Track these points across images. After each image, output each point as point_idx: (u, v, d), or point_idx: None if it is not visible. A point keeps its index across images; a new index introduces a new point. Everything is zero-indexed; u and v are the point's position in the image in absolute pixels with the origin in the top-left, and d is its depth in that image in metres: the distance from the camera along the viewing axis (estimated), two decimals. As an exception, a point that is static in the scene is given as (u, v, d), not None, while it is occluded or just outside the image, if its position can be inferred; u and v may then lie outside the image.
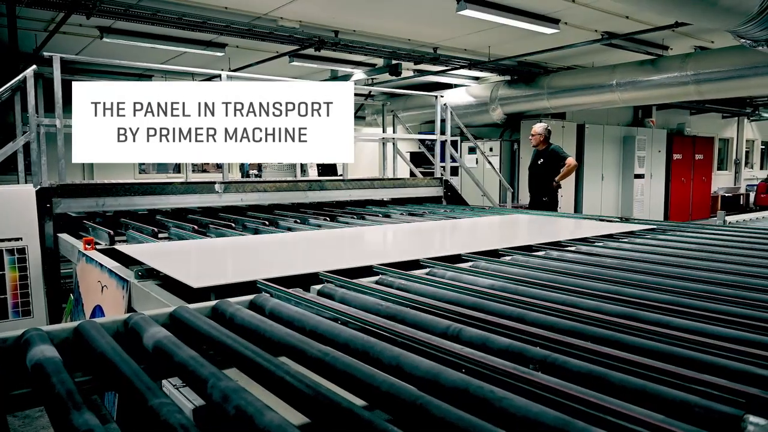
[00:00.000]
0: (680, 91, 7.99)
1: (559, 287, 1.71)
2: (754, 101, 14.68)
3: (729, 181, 16.47)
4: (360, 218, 4.05)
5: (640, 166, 12.26)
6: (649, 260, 2.19)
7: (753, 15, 4.31)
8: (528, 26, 6.85)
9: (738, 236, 2.83)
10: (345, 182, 5.14)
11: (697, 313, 1.40)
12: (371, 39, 7.75)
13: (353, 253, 2.48)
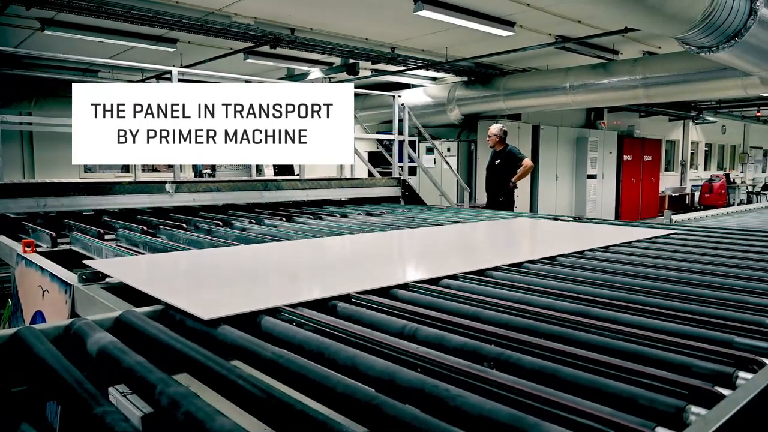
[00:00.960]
0: (630, 94, 8.28)
1: (513, 285, 1.75)
2: (698, 105, 15.37)
3: (675, 182, 17.18)
4: (317, 218, 4.03)
5: (592, 167, 12.64)
6: (600, 258, 2.26)
7: (696, 23, 4.51)
8: (484, 28, 6.96)
9: (682, 239, 2.95)
10: (302, 182, 5.10)
11: (644, 309, 1.46)
12: (328, 38, 7.71)
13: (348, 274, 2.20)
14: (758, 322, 1.32)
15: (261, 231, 3.23)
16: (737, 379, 0.99)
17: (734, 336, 1.23)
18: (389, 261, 2.51)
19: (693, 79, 7.58)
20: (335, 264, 2.38)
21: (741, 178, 19.79)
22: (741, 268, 2.04)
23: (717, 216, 4.49)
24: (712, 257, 2.28)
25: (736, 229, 3.38)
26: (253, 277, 2.06)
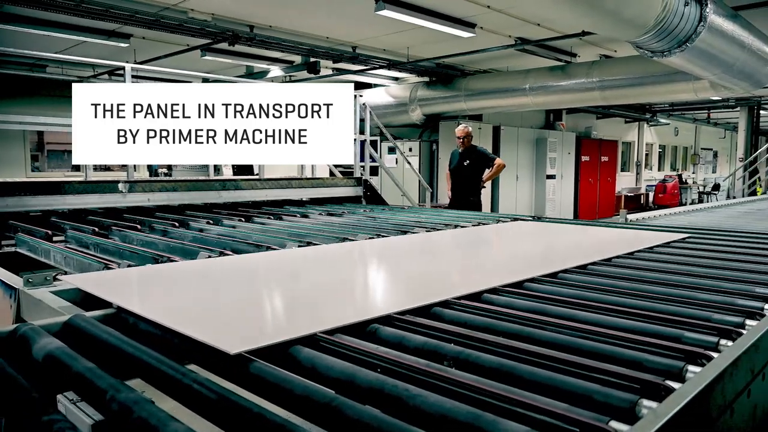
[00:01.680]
0: (587, 96, 8.50)
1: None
2: (652, 107, 15.91)
3: (631, 182, 17.74)
4: (277, 219, 3.99)
5: (551, 167, 12.92)
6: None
7: (650, 28, 4.67)
8: (445, 29, 7.03)
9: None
10: (261, 182, 5.04)
11: (599, 306, 1.50)
12: (288, 35, 7.64)
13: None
14: (707, 318, 1.38)
15: (219, 232, 3.18)
16: (686, 372, 1.03)
17: (684, 331, 1.27)
18: (414, 273, 2.15)
19: (647, 82, 7.84)
20: (352, 278, 2.15)
21: (693, 178, 20.58)
22: (690, 265, 2.12)
23: (670, 215, 4.65)
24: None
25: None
26: (263, 296, 1.81)
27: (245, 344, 1.12)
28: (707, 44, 5.15)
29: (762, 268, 2.02)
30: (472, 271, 2.20)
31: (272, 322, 1.48)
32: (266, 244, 2.60)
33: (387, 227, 3.40)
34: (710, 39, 5.11)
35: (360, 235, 2.93)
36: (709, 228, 3.38)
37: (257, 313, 1.56)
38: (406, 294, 1.80)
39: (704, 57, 5.38)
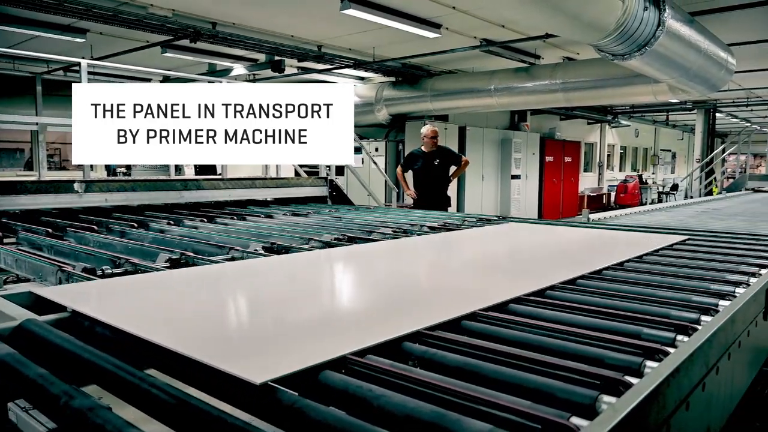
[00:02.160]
0: (550, 97, 8.67)
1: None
2: (613, 109, 16.35)
3: (593, 182, 18.17)
4: (240, 219, 3.95)
5: (516, 167, 13.13)
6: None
7: (610, 31, 4.79)
8: (411, 29, 7.07)
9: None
10: (224, 181, 4.97)
11: (562, 304, 1.53)
12: (252, 33, 7.56)
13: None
14: (665, 314, 1.42)
15: (180, 233, 3.12)
16: (644, 368, 1.06)
17: (643, 328, 1.31)
18: (431, 282, 2.03)
19: (608, 84, 8.04)
20: (366, 288, 1.97)
21: (652, 178, 21.22)
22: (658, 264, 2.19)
23: (631, 215, 4.77)
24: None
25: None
26: (276, 310, 1.60)
27: (270, 371, 0.97)
28: (665, 48, 5.31)
29: (720, 266, 2.09)
30: (490, 280, 2.04)
31: (294, 343, 1.26)
32: (229, 245, 2.56)
33: (352, 227, 3.39)
34: (668, 43, 5.27)
35: (325, 236, 2.92)
36: (706, 230, 3.41)
37: (271, 332, 1.38)
38: (432, 307, 1.59)
39: (663, 61, 5.55)
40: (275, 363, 1.05)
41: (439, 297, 1.77)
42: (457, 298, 1.69)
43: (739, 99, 14.15)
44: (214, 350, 1.16)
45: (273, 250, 2.55)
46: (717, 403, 1.24)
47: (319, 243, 2.76)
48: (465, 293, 1.78)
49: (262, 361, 1.10)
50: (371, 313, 1.57)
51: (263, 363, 1.07)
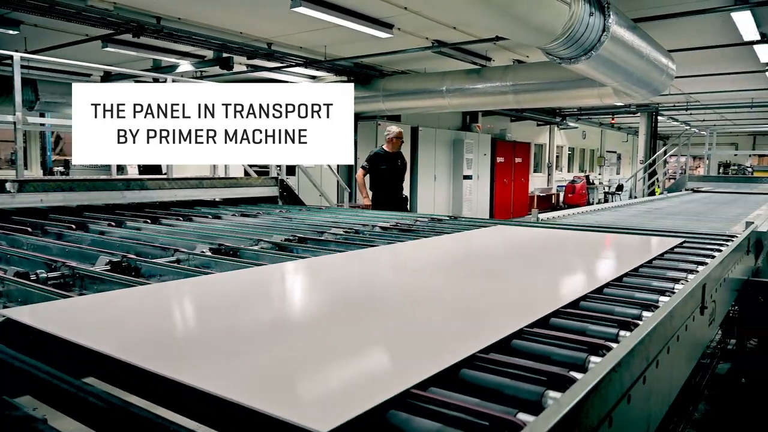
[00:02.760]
0: (501, 99, 8.85)
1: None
2: (562, 112, 16.85)
3: (543, 182, 18.67)
4: (187, 220, 3.85)
5: (468, 168, 13.35)
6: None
7: (558, 35, 4.93)
8: (363, 29, 7.07)
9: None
10: (169, 181, 4.84)
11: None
12: (199, 29, 7.38)
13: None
14: (608, 311, 1.47)
15: (122, 234, 3.02)
16: (589, 363, 1.09)
17: (588, 324, 1.36)
18: (458, 295, 1.76)
19: (556, 87, 8.27)
20: (393, 303, 1.67)
21: (599, 179, 21.98)
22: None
23: (578, 214, 4.92)
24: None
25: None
26: (299, 335, 1.31)
27: (333, 416, 0.81)
28: (610, 53, 5.51)
29: (660, 263, 2.18)
30: (520, 291, 1.85)
31: (341, 376, 1.05)
32: (174, 246, 2.50)
33: (303, 228, 3.37)
34: (613, 48, 5.47)
35: (275, 236, 2.89)
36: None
37: (309, 362, 1.11)
38: (473, 325, 1.42)
39: (607, 65, 5.75)
40: (332, 404, 0.89)
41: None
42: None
43: (679, 103, 14.84)
44: (251, 389, 0.93)
45: (221, 252, 2.50)
46: (657, 395, 1.30)
47: (269, 244, 2.72)
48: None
49: (317, 401, 0.92)
50: (415, 335, 1.31)
51: (319, 404, 0.90)
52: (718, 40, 7.89)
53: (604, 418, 0.93)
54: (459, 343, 1.17)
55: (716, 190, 10.28)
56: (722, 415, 3.24)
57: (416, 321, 1.43)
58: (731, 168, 25.93)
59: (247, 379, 0.99)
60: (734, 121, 20.71)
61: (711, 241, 2.82)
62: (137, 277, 2.11)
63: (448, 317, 1.48)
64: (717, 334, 3.21)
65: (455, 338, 1.26)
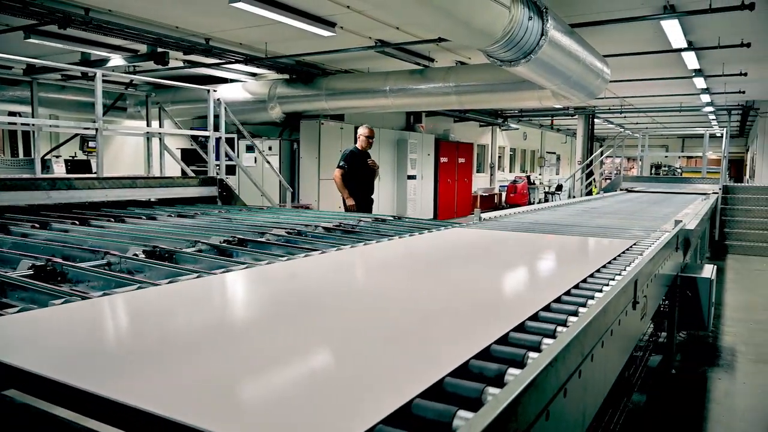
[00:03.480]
0: (444, 100, 8.98)
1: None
2: (504, 113, 17.28)
3: (486, 183, 19.08)
4: (119, 221, 3.71)
5: (412, 168, 13.47)
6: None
7: (498, 38, 5.05)
8: (304, 26, 7.01)
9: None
10: (100, 180, 4.65)
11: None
12: (131, 22, 7.12)
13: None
14: (545, 308, 1.52)
15: (48, 237, 2.88)
16: (527, 359, 1.12)
17: (528, 321, 1.39)
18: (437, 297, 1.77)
19: (498, 89, 8.47)
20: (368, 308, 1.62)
21: (539, 179, 22.68)
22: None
23: (519, 213, 5.05)
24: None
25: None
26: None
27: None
28: (548, 57, 5.69)
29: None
30: (502, 293, 1.93)
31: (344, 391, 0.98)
32: (104, 249, 2.40)
33: (243, 229, 3.31)
34: (551, 52, 5.65)
35: (213, 237, 2.82)
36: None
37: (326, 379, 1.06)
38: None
39: (546, 68, 5.94)
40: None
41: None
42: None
43: (614, 106, 15.51)
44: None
45: (155, 255, 2.42)
46: (592, 388, 1.35)
47: (207, 246, 2.66)
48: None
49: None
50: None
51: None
52: (650, 46, 8.31)
53: (542, 412, 0.96)
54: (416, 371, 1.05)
55: (648, 190, 10.81)
56: (654, 405, 3.40)
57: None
58: (662, 169, 27.35)
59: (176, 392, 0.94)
60: (665, 125, 21.85)
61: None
62: (63, 282, 2.02)
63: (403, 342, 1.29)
64: (649, 327, 3.37)
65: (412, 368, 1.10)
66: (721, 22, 7.03)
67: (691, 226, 3.59)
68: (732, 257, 9.46)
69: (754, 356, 4.38)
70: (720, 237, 10.10)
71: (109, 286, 1.85)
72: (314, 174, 10.92)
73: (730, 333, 4.97)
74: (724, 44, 7.76)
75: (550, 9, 5.38)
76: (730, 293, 6.63)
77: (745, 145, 24.99)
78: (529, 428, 0.89)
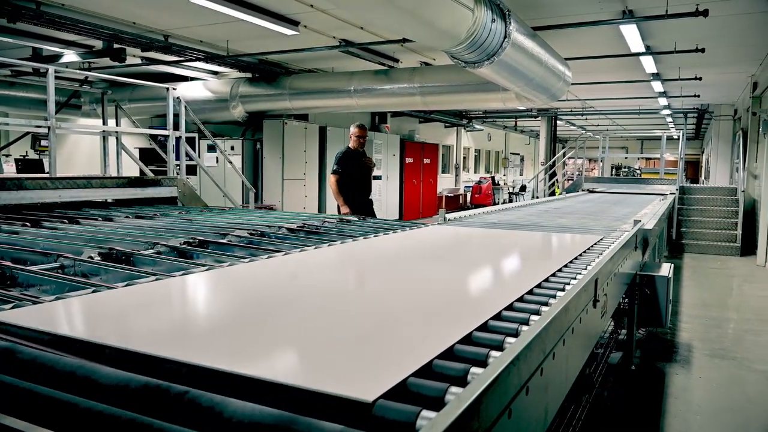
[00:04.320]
0: (409, 100, 9.02)
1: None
2: (468, 114, 17.47)
3: (451, 183, 19.25)
4: (73, 222, 3.60)
5: (377, 168, 13.49)
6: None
7: (462, 40, 5.10)
8: (267, 25, 6.94)
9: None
10: (53, 181, 4.50)
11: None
12: (85, 16, 6.92)
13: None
14: (508, 307, 1.54)
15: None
16: (489, 358, 1.14)
17: (491, 321, 1.41)
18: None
19: (462, 90, 8.55)
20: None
21: (504, 180, 23.01)
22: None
23: (484, 214, 5.11)
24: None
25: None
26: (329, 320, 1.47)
27: (381, 386, 0.92)
28: (511, 59, 5.78)
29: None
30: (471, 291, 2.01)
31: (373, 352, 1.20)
32: (57, 252, 2.32)
33: (204, 230, 3.25)
34: (514, 54, 5.74)
35: (173, 239, 2.76)
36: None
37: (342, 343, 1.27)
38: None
39: (509, 70, 6.03)
40: (372, 378, 1.01)
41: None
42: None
43: (575, 109, 15.87)
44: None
45: (111, 257, 2.36)
46: (554, 385, 1.37)
47: (166, 248, 2.60)
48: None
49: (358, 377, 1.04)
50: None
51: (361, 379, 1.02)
52: (610, 50, 8.52)
53: (504, 410, 0.97)
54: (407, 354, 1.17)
55: (609, 190, 11.09)
56: (615, 400, 3.49)
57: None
58: (622, 170, 28.10)
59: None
60: (624, 127, 22.46)
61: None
62: (13, 287, 1.95)
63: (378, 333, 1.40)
64: (609, 325, 3.46)
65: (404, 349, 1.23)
66: (677, 28, 7.27)
67: (650, 226, 3.70)
68: (688, 256, 9.79)
69: (709, 352, 4.54)
70: (677, 236, 10.44)
71: (62, 290, 1.79)
72: (278, 174, 10.83)
73: (687, 329, 5.14)
74: (680, 49, 8.03)
75: (512, 12, 5.46)
76: (687, 291, 6.86)
77: (701, 147, 25.90)
78: (491, 427, 0.90)
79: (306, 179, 11.43)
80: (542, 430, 1.28)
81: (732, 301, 6.49)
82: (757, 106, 10.36)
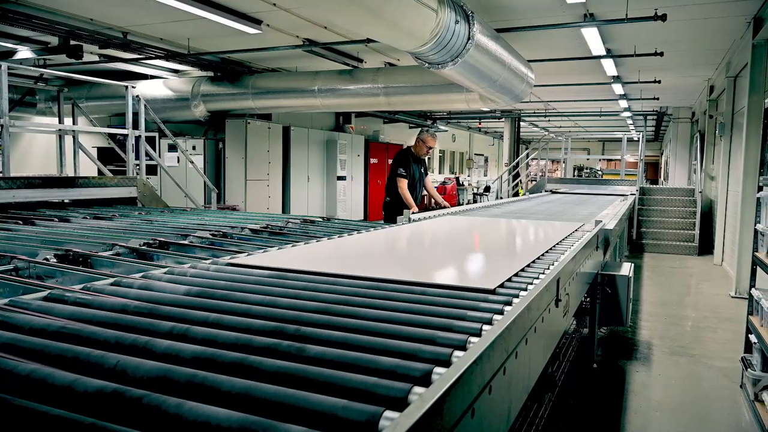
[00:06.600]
0: (373, 101, 9.03)
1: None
2: (433, 115, 17.60)
3: (416, 185, 19.34)
4: (28, 223, 3.49)
5: (342, 169, 13.47)
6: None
7: (426, 40, 5.13)
8: (229, 23, 6.86)
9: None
10: (6, 180, 4.36)
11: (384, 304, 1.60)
12: (39, 12, 6.71)
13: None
14: (473, 307, 1.56)
15: (-56, 243, 2.66)
16: (453, 358, 1.15)
17: (454, 321, 1.43)
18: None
19: (427, 91, 8.61)
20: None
21: (468, 180, 23.25)
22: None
23: (448, 214, 5.16)
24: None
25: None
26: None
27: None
28: (475, 60, 5.85)
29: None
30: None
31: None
32: (11, 253, 2.25)
33: (165, 231, 3.20)
34: (477, 56, 5.81)
35: (132, 240, 2.71)
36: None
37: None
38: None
39: (473, 71, 6.10)
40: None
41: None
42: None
43: (538, 110, 16.15)
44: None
45: (68, 259, 2.30)
46: (517, 384, 1.40)
47: (126, 249, 2.55)
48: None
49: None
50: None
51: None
52: (572, 53, 8.71)
53: (467, 409, 0.98)
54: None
55: (572, 191, 11.33)
56: (577, 398, 3.57)
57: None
58: (584, 171, 28.71)
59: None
60: (586, 128, 22.97)
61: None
62: (-38, 291, 1.88)
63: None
64: (571, 324, 3.54)
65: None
66: (636, 32, 7.49)
67: (611, 226, 3.79)
68: (648, 255, 10.08)
69: (668, 349, 4.68)
70: (637, 236, 10.74)
71: (17, 292, 1.74)
72: (241, 174, 10.70)
73: (647, 327, 5.29)
74: (639, 53, 8.26)
75: (476, 13, 5.53)
76: (647, 289, 7.06)
77: (660, 148, 26.70)
78: (454, 426, 0.92)
79: (269, 179, 11.33)
80: (505, 429, 1.30)
81: (690, 300, 6.71)
82: (713, 109, 10.74)
